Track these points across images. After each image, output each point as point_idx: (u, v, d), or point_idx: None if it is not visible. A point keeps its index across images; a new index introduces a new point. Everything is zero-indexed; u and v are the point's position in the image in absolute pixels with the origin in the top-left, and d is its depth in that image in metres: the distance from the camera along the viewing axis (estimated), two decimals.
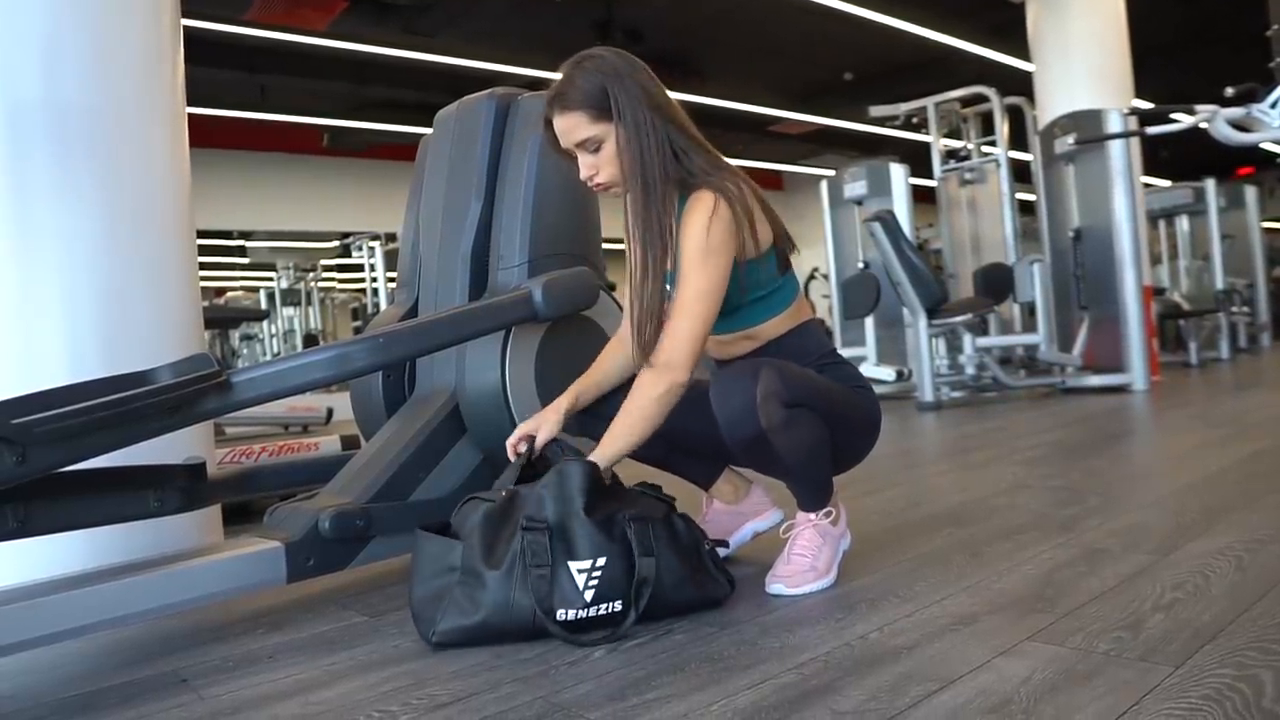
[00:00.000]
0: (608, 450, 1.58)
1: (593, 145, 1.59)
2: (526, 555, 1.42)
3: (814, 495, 1.69)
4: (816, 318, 1.80)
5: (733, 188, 1.58)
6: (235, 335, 9.90)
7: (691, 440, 1.82)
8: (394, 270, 2.90)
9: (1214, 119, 3.57)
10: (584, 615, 1.43)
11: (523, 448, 1.66)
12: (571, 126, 1.58)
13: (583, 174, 1.62)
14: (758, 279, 1.65)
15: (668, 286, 1.62)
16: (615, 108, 1.55)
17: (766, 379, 1.53)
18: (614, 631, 1.42)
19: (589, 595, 1.43)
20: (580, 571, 1.43)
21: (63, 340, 1.94)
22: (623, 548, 1.47)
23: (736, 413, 1.54)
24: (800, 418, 1.57)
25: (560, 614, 1.42)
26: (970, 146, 7.43)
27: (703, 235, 1.55)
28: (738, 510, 1.93)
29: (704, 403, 1.72)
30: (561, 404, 1.71)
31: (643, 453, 1.79)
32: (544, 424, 1.68)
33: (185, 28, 2.31)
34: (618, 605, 1.45)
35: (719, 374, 1.60)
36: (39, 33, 1.94)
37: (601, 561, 1.44)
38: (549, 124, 1.63)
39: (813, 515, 1.69)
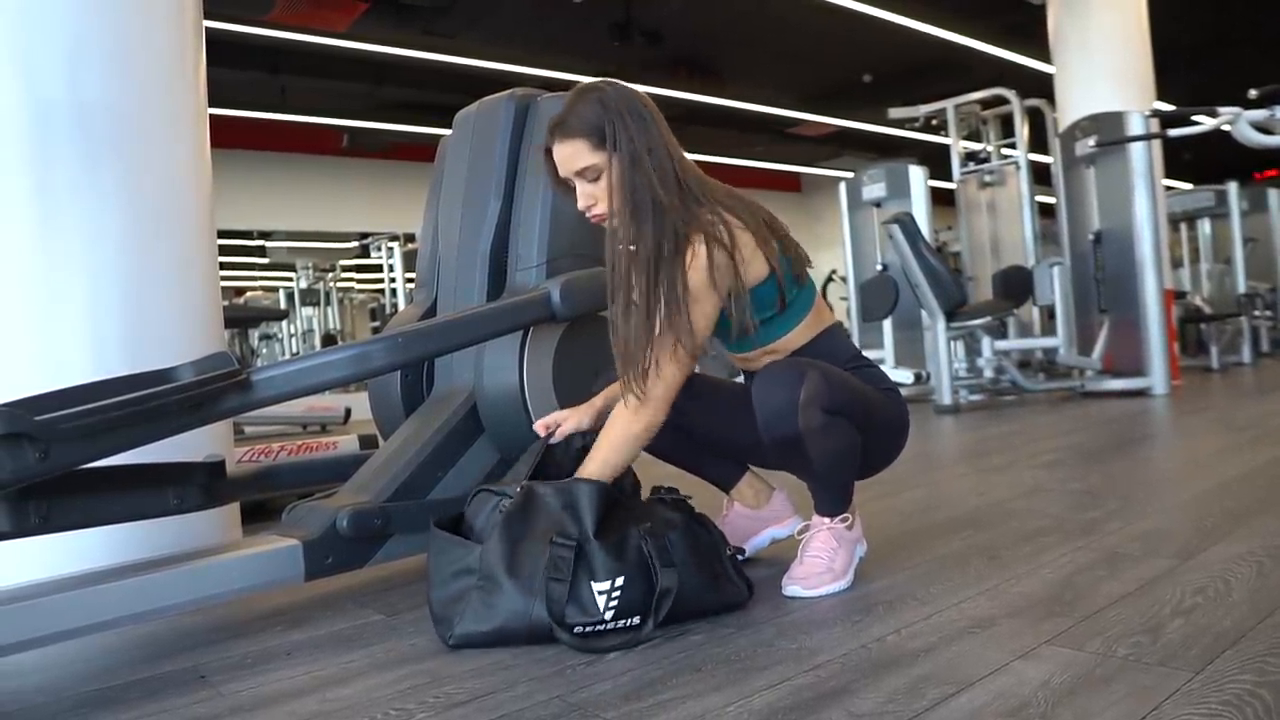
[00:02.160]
0: (587, 473, 1.57)
1: (592, 175, 1.58)
2: (549, 569, 1.43)
3: (834, 500, 1.69)
4: (837, 321, 1.80)
5: (719, 227, 1.55)
6: (254, 335, 9.98)
7: (716, 441, 1.82)
8: (412, 270, 2.91)
9: (1237, 121, 3.55)
10: (602, 629, 1.44)
11: (545, 430, 1.68)
12: (571, 155, 1.58)
13: (580, 204, 1.61)
14: (764, 301, 1.64)
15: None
16: (612, 140, 1.55)
17: (811, 383, 1.53)
18: (631, 638, 1.42)
19: (609, 615, 1.43)
20: (601, 593, 1.44)
21: (85, 338, 1.96)
22: (640, 564, 1.46)
23: (776, 412, 1.54)
24: (837, 425, 1.58)
25: (578, 628, 1.42)
26: (990, 148, 7.40)
27: (698, 282, 1.54)
28: (758, 515, 1.93)
29: (730, 404, 1.71)
30: (597, 403, 1.73)
31: (667, 453, 1.80)
32: (574, 414, 1.70)
33: (206, 29, 2.33)
34: (636, 620, 1.45)
35: (763, 370, 1.60)
36: (64, 35, 1.96)
37: (620, 582, 1.44)
38: (549, 153, 1.62)
39: (828, 520, 1.69)
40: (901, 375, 5.87)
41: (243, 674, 1.42)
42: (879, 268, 6.68)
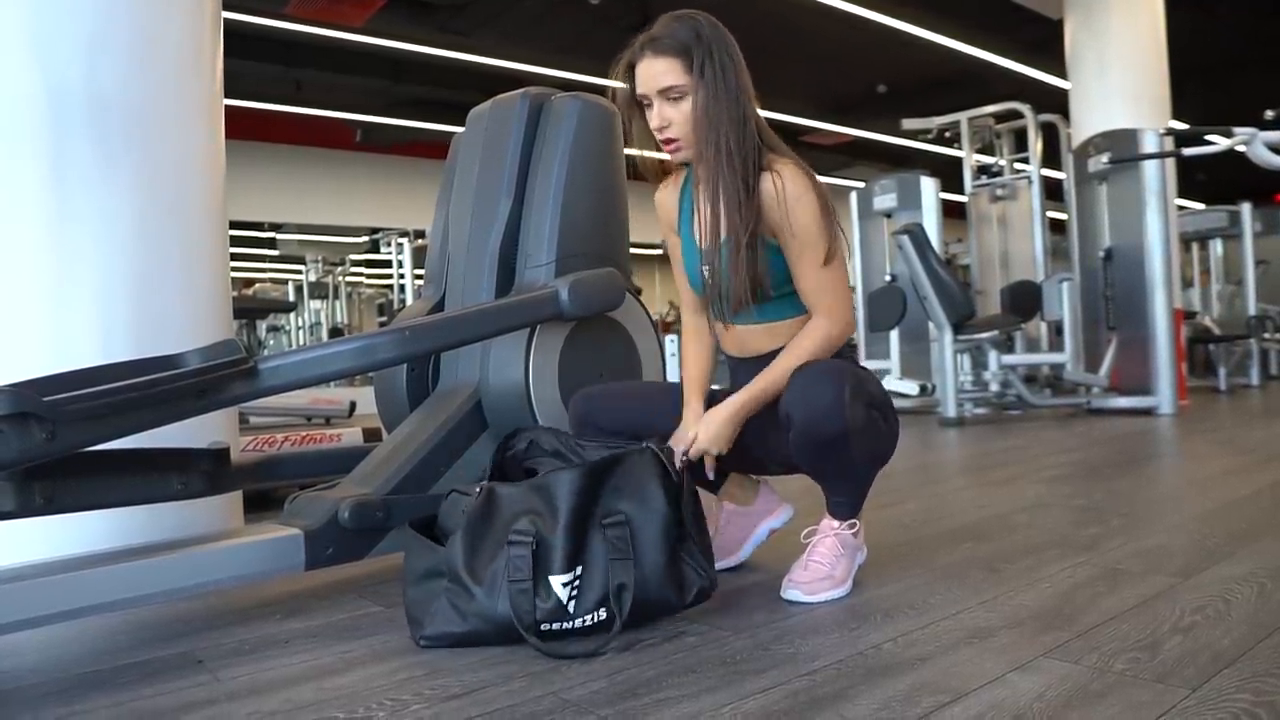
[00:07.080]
0: (751, 391, 1.63)
1: (677, 94, 1.59)
2: (509, 570, 1.40)
3: (852, 503, 1.69)
4: None
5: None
6: (262, 326, 10.00)
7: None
8: (421, 267, 2.92)
9: (1252, 142, 3.54)
10: (569, 626, 1.41)
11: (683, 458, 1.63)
12: (662, 70, 1.58)
13: (654, 123, 1.62)
14: (784, 272, 1.67)
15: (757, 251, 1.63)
16: (699, 68, 1.56)
17: (853, 380, 1.56)
18: (599, 642, 1.38)
19: (572, 607, 1.41)
20: (563, 585, 1.42)
21: (95, 324, 1.97)
22: (599, 555, 1.44)
23: (821, 411, 1.53)
24: (877, 421, 1.60)
25: (545, 627, 1.40)
26: (1002, 162, 7.39)
27: (816, 203, 1.59)
28: (751, 511, 1.92)
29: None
30: (700, 409, 1.71)
31: None
32: (713, 442, 1.64)
33: (224, 20, 2.34)
34: (602, 614, 1.42)
35: (797, 376, 1.58)
36: (83, 24, 1.97)
37: (579, 571, 1.43)
38: (630, 69, 1.63)
39: (837, 524, 1.69)
40: (907, 386, 5.86)
41: (240, 660, 1.42)
42: (887, 278, 6.66)
